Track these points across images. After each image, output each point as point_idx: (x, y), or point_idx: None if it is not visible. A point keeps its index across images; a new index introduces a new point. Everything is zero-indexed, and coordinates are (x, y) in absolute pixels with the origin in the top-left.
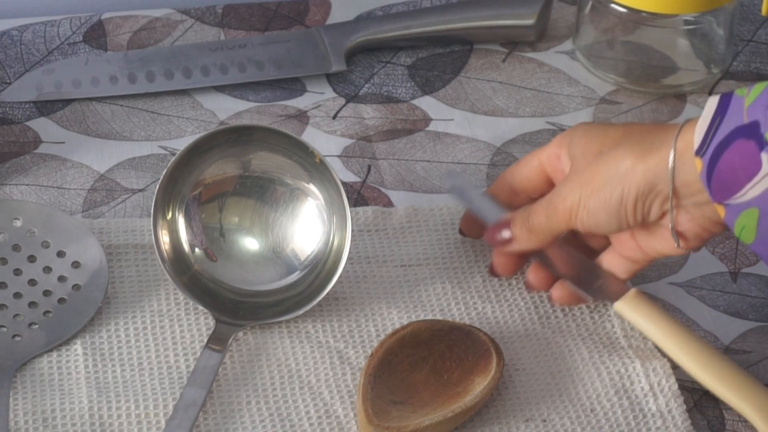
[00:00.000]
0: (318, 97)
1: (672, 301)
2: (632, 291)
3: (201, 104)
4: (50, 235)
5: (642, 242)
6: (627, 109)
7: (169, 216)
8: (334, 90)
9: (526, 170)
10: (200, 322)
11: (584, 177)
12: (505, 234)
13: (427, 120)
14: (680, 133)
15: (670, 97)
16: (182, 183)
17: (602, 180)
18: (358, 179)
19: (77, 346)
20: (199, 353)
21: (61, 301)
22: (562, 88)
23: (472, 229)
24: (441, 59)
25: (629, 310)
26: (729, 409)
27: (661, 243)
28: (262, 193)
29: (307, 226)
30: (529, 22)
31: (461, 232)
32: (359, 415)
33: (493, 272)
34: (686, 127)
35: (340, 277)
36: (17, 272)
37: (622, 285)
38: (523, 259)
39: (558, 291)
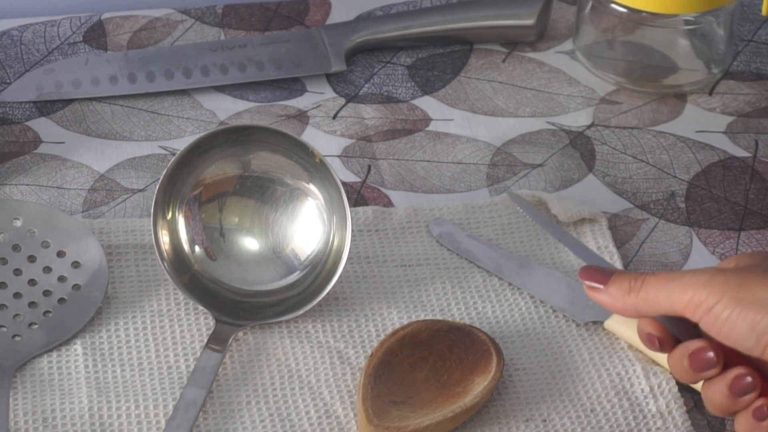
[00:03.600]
0: (318, 97)
1: None
2: None
3: (201, 104)
4: (50, 235)
5: None
6: (627, 109)
7: (169, 216)
8: (334, 90)
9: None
10: (200, 322)
11: (739, 280)
12: (596, 281)
13: (427, 120)
14: None
15: (670, 97)
16: (182, 183)
17: (762, 295)
18: (358, 179)
19: (77, 346)
20: (199, 353)
21: (61, 301)
22: (562, 88)
23: (664, 342)
24: (441, 59)
25: (621, 325)
26: None
27: None
28: (262, 193)
29: (307, 226)
30: (529, 22)
31: (661, 348)
32: (359, 415)
33: (658, 344)
34: None
35: (340, 277)
36: (17, 272)
37: None
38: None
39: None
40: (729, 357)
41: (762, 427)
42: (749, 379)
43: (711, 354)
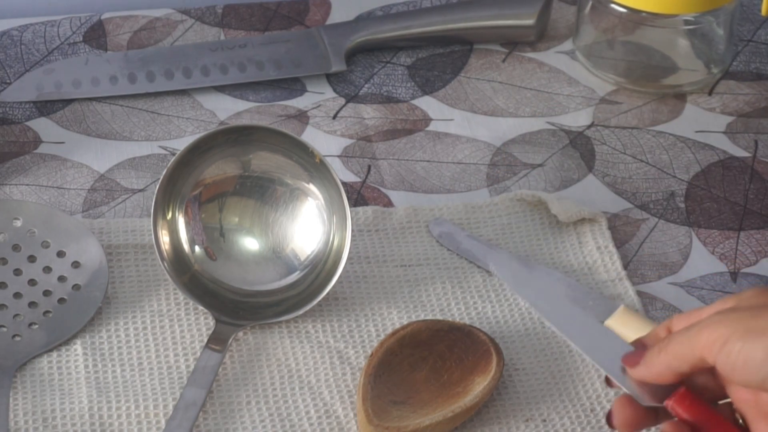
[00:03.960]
0: (318, 97)
1: (672, 301)
2: (621, 308)
3: (201, 104)
4: (50, 235)
5: None
6: (627, 109)
7: (169, 216)
8: (334, 90)
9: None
10: (200, 322)
11: (750, 313)
12: (637, 359)
13: (427, 120)
14: None
15: (670, 97)
16: (182, 183)
17: None
18: (358, 179)
19: (77, 346)
20: (199, 353)
21: (61, 301)
22: (562, 88)
23: (626, 416)
24: (441, 59)
25: (619, 326)
26: None
27: None
28: (262, 193)
29: (307, 226)
30: (529, 22)
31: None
32: (359, 415)
33: (609, 422)
34: None
35: (340, 277)
36: (17, 272)
37: None
38: (650, 415)
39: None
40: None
41: None
42: None
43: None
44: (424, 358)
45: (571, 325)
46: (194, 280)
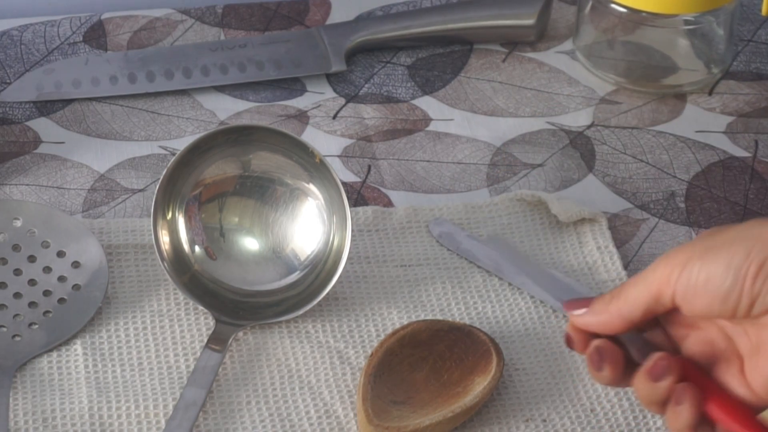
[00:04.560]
0: (318, 97)
1: None
2: None
3: (201, 104)
4: (50, 235)
5: (749, 366)
6: (627, 109)
7: (169, 216)
8: (334, 90)
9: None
10: (200, 322)
11: (701, 238)
12: (580, 307)
13: (427, 120)
14: None
15: (670, 97)
16: (182, 183)
17: (729, 237)
18: (358, 179)
19: (77, 346)
20: (199, 353)
21: (61, 301)
22: (562, 88)
23: (581, 342)
24: (441, 59)
25: None
26: None
27: None
28: (262, 193)
29: (307, 226)
30: (529, 22)
31: (569, 343)
32: (359, 415)
33: (569, 343)
34: None
35: (340, 277)
36: (17, 272)
37: None
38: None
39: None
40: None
41: (680, 411)
42: (665, 362)
43: (665, 363)
44: (424, 358)
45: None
46: (194, 280)
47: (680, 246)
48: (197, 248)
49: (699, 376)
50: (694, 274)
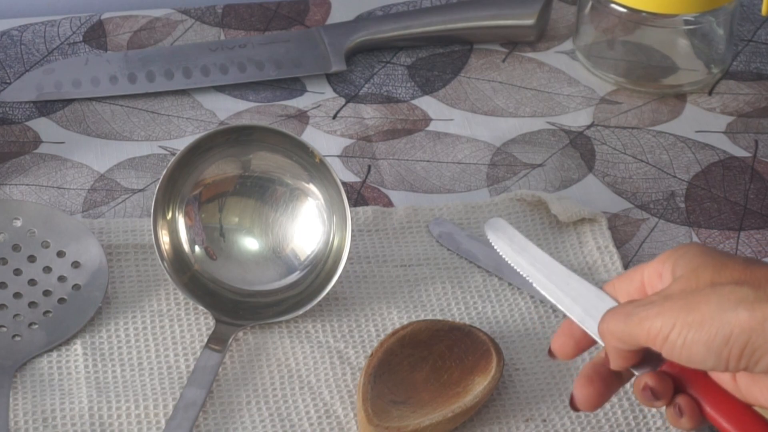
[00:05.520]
0: (318, 97)
1: None
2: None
3: (201, 104)
4: (50, 235)
5: (741, 385)
6: (627, 109)
7: (169, 216)
8: (334, 90)
9: (626, 285)
10: (200, 322)
11: (686, 303)
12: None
13: (427, 120)
14: None
15: (670, 97)
16: (182, 183)
17: (709, 314)
18: (358, 179)
19: (77, 346)
20: (199, 353)
21: (61, 301)
22: (562, 88)
23: (566, 347)
24: (441, 59)
25: None
26: None
27: (764, 394)
28: (262, 193)
29: (307, 226)
30: (529, 22)
31: (551, 353)
32: (359, 415)
33: (551, 354)
34: None
35: (340, 277)
36: (17, 272)
37: None
38: (582, 344)
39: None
40: (686, 378)
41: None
42: (652, 389)
43: (651, 386)
44: (424, 358)
45: (566, 293)
46: (194, 280)
47: (659, 302)
48: (197, 248)
49: (693, 373)
50: (677, 348)
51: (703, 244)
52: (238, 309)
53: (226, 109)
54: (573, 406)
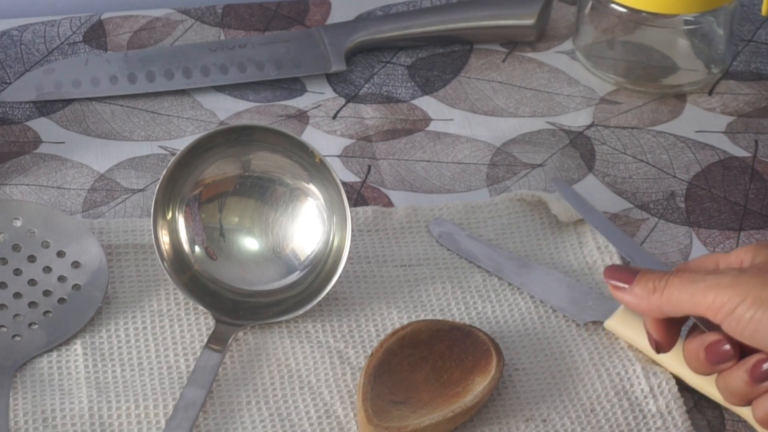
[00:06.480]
0: (318, 97)
1: None
2: (621, 308)
3: (201, 104)
4: (50, 235)
5: None
6: (627, 109)
7: (169, 216)
8: (334, 90)
9: (700, 266)
10: (200, 322)
11: (763, 279)
12: (622, 281)
13: (427, 120)
14: None
15: (670, 97)
16: (182, 183)
17: None
18: (358, 179)
19: (77, 346)
20: (199, 353)
21: (61, 301)
22: (562, 88)
23: (666, 335)
24: (441, 59)
25: (619, 326)
26: (729, 409)
27: None
28: (262, 193)
29: (307, 226)
30: (529, 22)
31: (659, 349)
32: (359, 415)
33: (659, 348)
34: None
35: (340, 277)
36: (17, 272)
37: None
38: (678, 325)
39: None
40: (745, 349)
41: None
42: None
43: (727, 347)
44: (424, 358)
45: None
46: (194, 280)
47: (734, 274)
48: (197, 248)
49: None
50: (743, 321)
51: None
52: (238, 309)
53: (226, 109)
54: (659, 349)
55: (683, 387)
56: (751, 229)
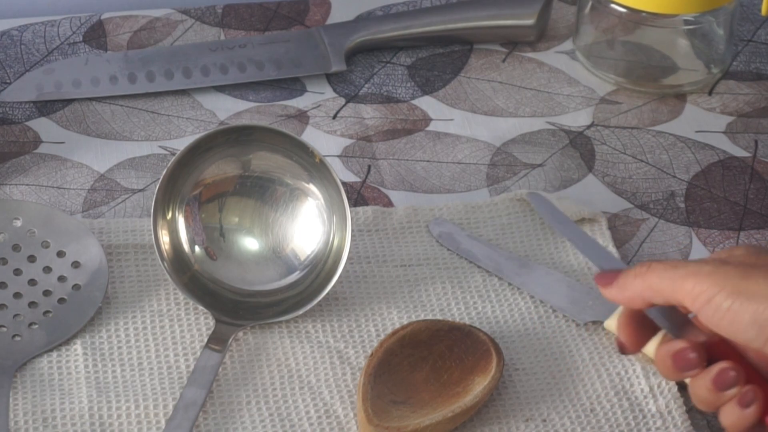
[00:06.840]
0: (318, 97)
1: None
2: (621, 308)
3: (201, 104)
4: (50, 235)
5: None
6: (627, 109)
7: (169, 216)
8: (334, 90)
9: None
10: (200, 322)
11: (743, 271)
12: (609, 280)
13: (427, 120)
14: None
15: (670, 97)
16: (182, 183)
17: (765, 287)
18: (358, 179)
19: (77, 346)
20: (199, 353)
21: (61, 301)
22: (562, 88)
23: (632, 337)
24: (441, 59)
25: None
26: None
27: None
28: (262, 193)
29: (307, 226)
30: (529, 22)
31: (622, 350)
32: (359, 415)
33: (623, 349)
34: None
35: (340, 277)
36: (17, 272)
37: None
38: (649, 331)
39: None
40: (717, 351)
41: (746, 415)
42: (732, 373)
43: (693, 355)
44: (424, 358)
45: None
46: (194, 280)
47: (716, 264)
48: (197, 248)
49: (719, 345)
50: (720, 312)
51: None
52: (238, 309)
53: (226, 109)
54: (622, 350)
55: (683, 387)
56: (751, 229)
